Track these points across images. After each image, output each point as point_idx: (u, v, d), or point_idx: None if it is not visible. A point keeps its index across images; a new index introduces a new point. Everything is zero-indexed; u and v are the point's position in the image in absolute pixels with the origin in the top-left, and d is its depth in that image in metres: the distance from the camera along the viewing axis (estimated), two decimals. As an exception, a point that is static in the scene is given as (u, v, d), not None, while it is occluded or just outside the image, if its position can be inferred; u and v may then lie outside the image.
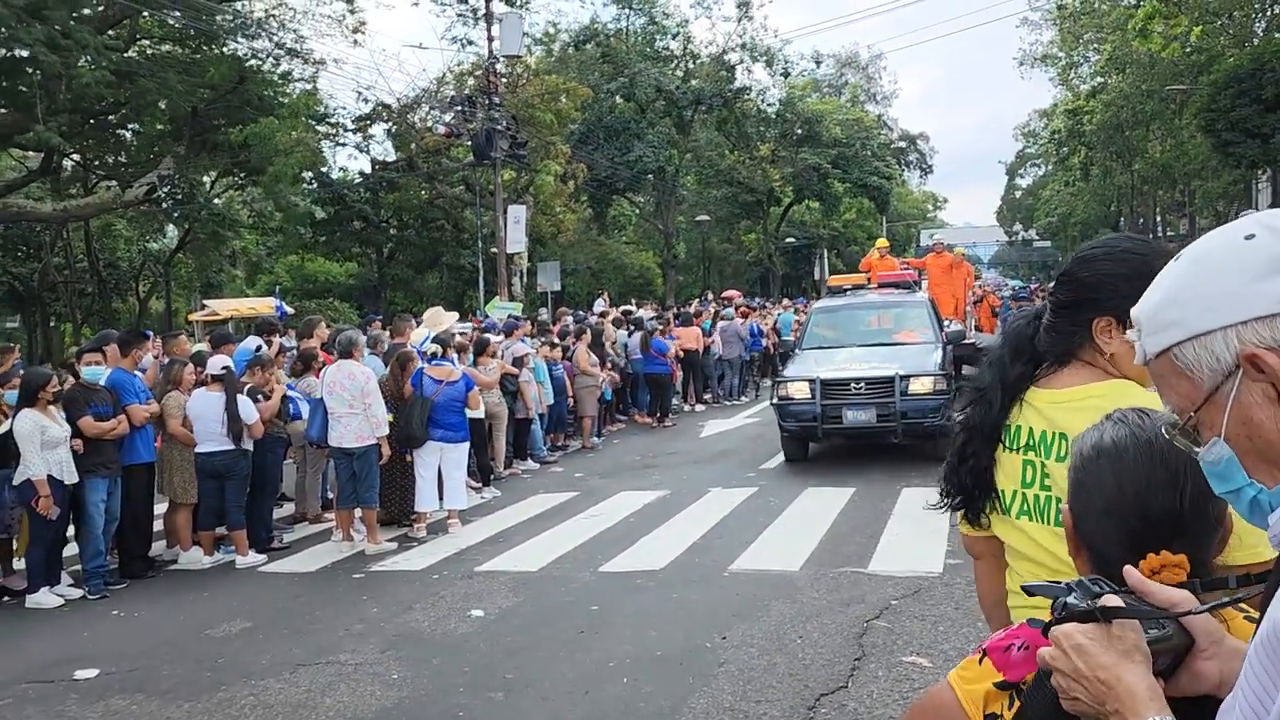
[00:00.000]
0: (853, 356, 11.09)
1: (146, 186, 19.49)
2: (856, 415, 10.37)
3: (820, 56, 47.04)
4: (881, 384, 10.32)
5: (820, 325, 12.73)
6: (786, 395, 10.77)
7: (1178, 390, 1.01)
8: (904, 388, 10.18)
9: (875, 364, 10.62)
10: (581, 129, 34.28)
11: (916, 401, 10.16)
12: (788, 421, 10.78)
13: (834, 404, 10.41)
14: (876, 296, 13.13)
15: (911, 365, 10.48)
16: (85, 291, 29.55)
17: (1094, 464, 1.24)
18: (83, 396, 7.53)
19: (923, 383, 10.26)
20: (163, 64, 19.96)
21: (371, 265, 35.84)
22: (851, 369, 10.63)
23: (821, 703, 4.56)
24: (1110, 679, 1.03)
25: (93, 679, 5.58)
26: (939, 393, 10.18)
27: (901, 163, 52.87)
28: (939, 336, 11.51)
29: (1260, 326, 0.93)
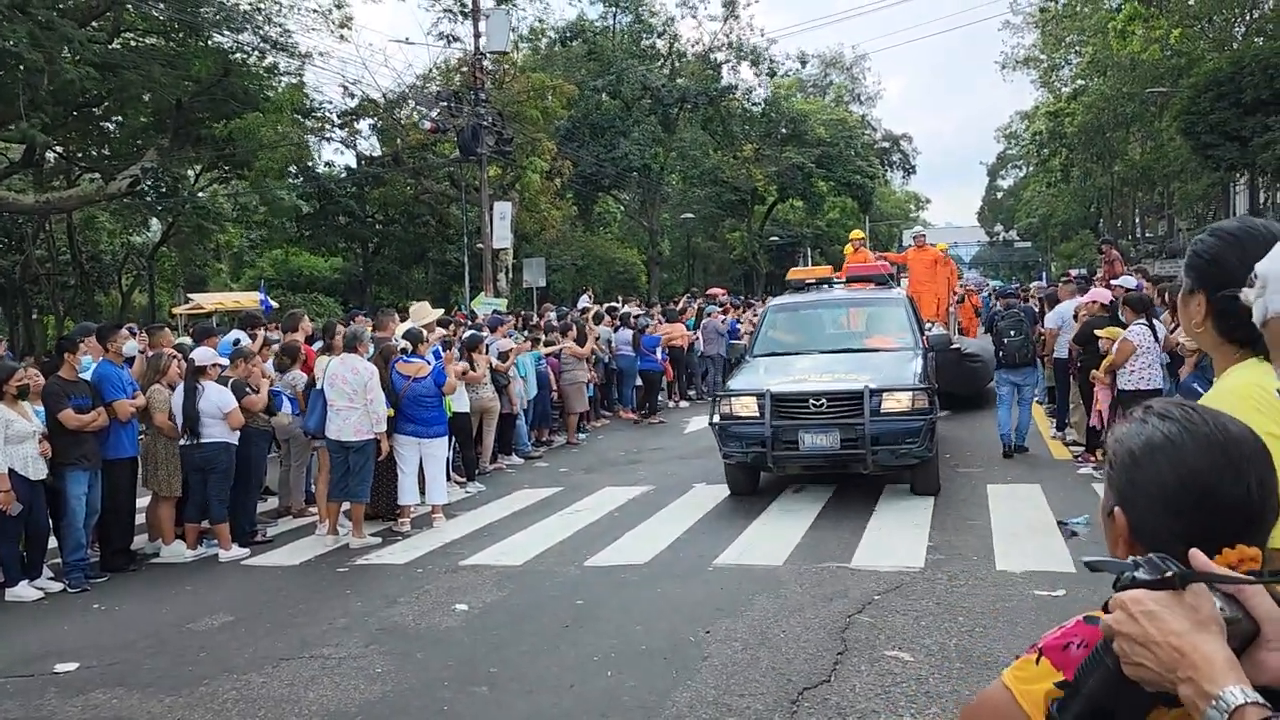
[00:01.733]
0: (814, 366, 9.14)
1: (130, 179, 19.33)
2: (816, 440, 8.31)
3: (805, 57, 47.15)
4: (847, 400, 8.32)
5: (776, 327, 10.62)
6: (729, 413, 8.74)
7: None
8: (876, 405, 8.24)
9: (841, 375, 8.72)
10: (567, 126, 34.24)
11: (892, 423, 8.23)
12: (730, 446, 8.73)
13: (788, 425, 8.41)
14: (845, 293, 11.26)
15: (886, 377, 8.58)
16: (68, 284, 29.34)
17: (1148, 461, 1.18)
18: (62, 389, 7.49)
19: (899, 399, 8.33)
20: (147, 56, 19.81)
21: (357, 260, 35.73)
22: (811, 381, 8.69)
23: (804, 696, 4.59)
24: (1185, 646, 1.00)
25: (72, 673, 5.55)
26: (919, 412, 8.28)
27: (885, 163, 53.08)
28: (920, 342, 9.64)
29: None
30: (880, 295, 10.91)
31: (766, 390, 8.53)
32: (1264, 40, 27.29)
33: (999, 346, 10.55)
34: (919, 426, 8.23)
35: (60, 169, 24.90)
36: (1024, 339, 10.39)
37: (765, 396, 8.47)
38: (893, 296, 10.79)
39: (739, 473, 9.18)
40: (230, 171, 26.61)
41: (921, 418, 8.26)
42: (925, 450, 8.30)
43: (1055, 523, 7.35)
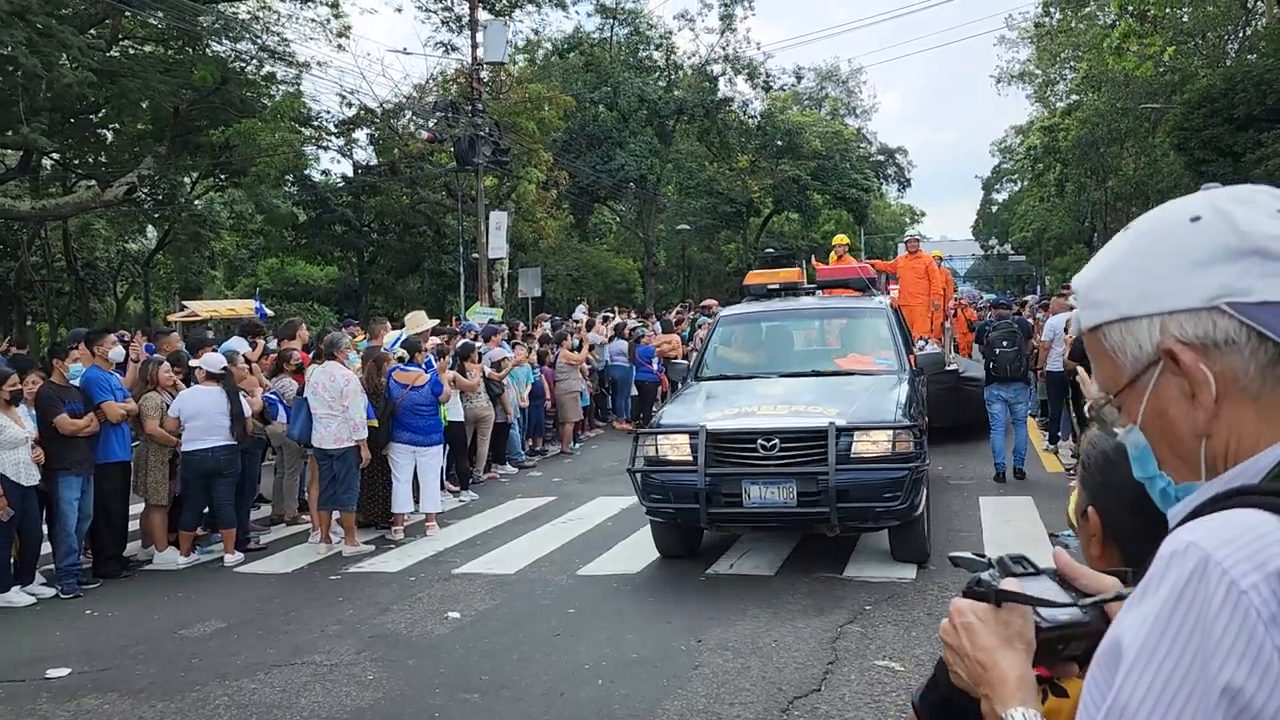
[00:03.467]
0: (770, 394, 7.25)
1: (126, 186, 19.35)
2: (765, 493, 6.44)
3: (801, 71, 47.27)
4: (807, 441, 6.48)
5: (727, 343, 8.65)
6: (655, 456, 6.86)
7: (1103, 369, 0.96)
8: (845, 448, 6.43)
9: (801, 407, 6.82)
10: (564, 136, 34.33)
11: (865, 471, 6.38)
12: (655, 500, 6.84)
13: (729, 474, 6.53)
14: (815, 302, 9.26)
15: (860, 410, 6.71)
16: (63, 291, 29.30)
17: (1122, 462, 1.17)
18: (56, 394, 7.50)
19: (876, 440, 6.51)
20: (145, 64, 19.87)
21: (352, 269, 35.72)
22: (762, 415, 6.78)
23: (794, 705, 4.61)
24: (987, 661, 1.01)
25: (64, 678, 5.55)
26: (901, 458, 6.41)
27: (880, 176, 53.22)
28: (907, 362, 7.79)
29: (1185, 320, 0.87)
30: (858, 305, 8.87)
31: (702, 427, 6.63)
32: (1256, 57, 27.50)
33: (990, 359, 10.02)
34: (901, 477, 6.31)
35: (57, 176, 24.94)
36: (1016, 351, 9.87)
37: (700, 435, 6.57)
38: (873, 306, 8.70)
39: (669, 533, 7.24)
40: (227, 179, 26.64)
41: (904, 465, 6.36)
42: (909, 508, 6.41)
43: (1047, 535, 7.38)
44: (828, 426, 6.46)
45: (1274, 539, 0.76)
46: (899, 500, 6.38)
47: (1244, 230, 0.86)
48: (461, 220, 27.25)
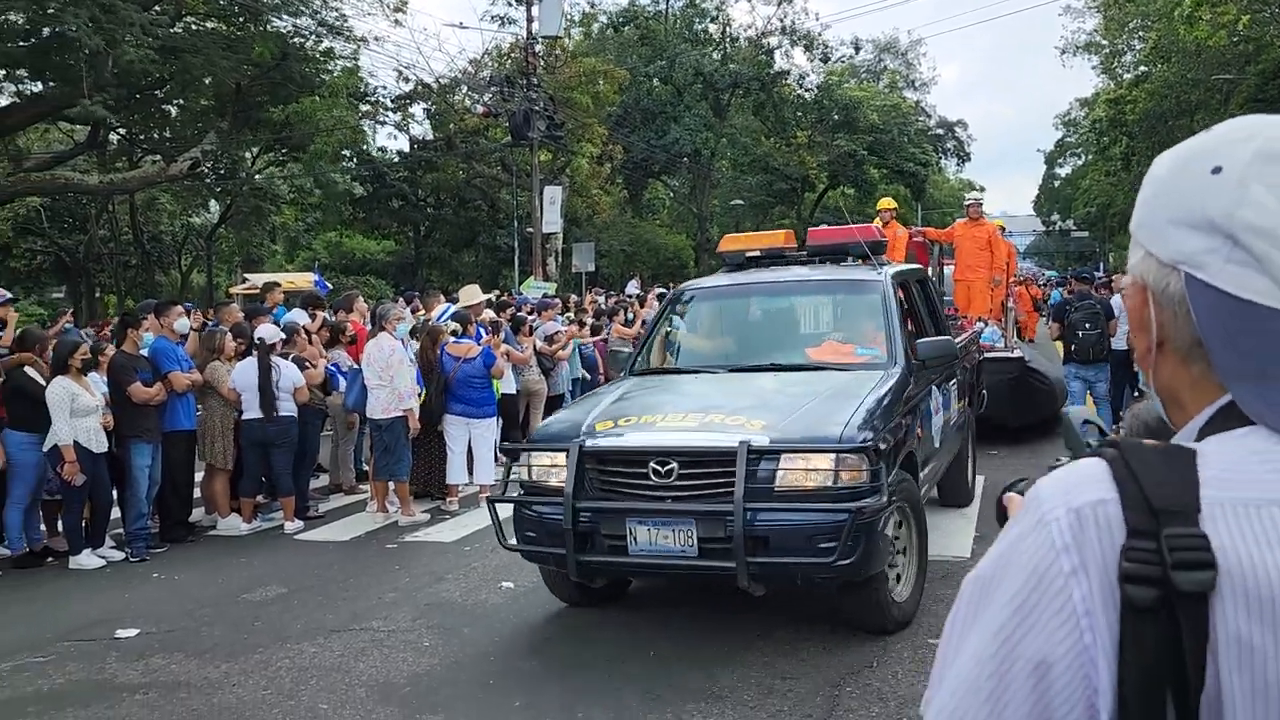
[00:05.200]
0: (695, 397, 5.62)
1: (190, 161, 19.73)
2: (657, 537, 4.86)
3: (859, 42, 46.60)
4: (713, 466, 4.86)
5: (677, 327, 7.09)
6: (530, 478, 5.36)
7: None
8: (766, 477, 4.77)
9: (719, 417, 5.09)
10: (618, 111, 34.25)
11: (790, 512, 4.75)
12: (529, 537, 5.32)
13: (609, 509, 4.98)
14: (795, 274, 7.12)
15: (795, 423, 4.95)
16: (129, 264, 30.07)
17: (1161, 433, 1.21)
18: (130, 363, 7.72)
19: (810, 467, 4.80)
20: (208, 40, 20.17)
21: (409, 243, 36.15)
22: (663, 427, 5.15)
23: (846, 681, 4.61)
24: None
25: (133, 638, 5.74)
26: (846, 492, 4.72)
27: (939, 150, 52.27)
28: (900, 352, 5.94)
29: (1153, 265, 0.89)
30: (846, 277, 6.85)
31: (576, 440, 5.11)
32: (1337, 26, 26.44)
33: (1071, 340, 9.79)
34: (839, 521, 4.57)
35: (123, 151, 25.48)
36: (1099, 334, 9.65)
37: (572, 452, 5.03)
38: (867, 278, 6.62)
39: (557, 577, 5.62)
40: (287, 154, 27.03)
41: (847, 504, 4.62)
42: (854, 564, 4.64)
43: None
44: (738, 446, 4.67)
45: (1089, 479, 0.83)
46: (837, 554, 4.52)
47: (1228, 208, 0.84)
48: (516, 195, 27.38)
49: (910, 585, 5.43)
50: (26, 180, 19.87)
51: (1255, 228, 0.82)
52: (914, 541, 5.46)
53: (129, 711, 4.70)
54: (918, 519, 5.45)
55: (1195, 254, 0.85)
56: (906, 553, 5.40)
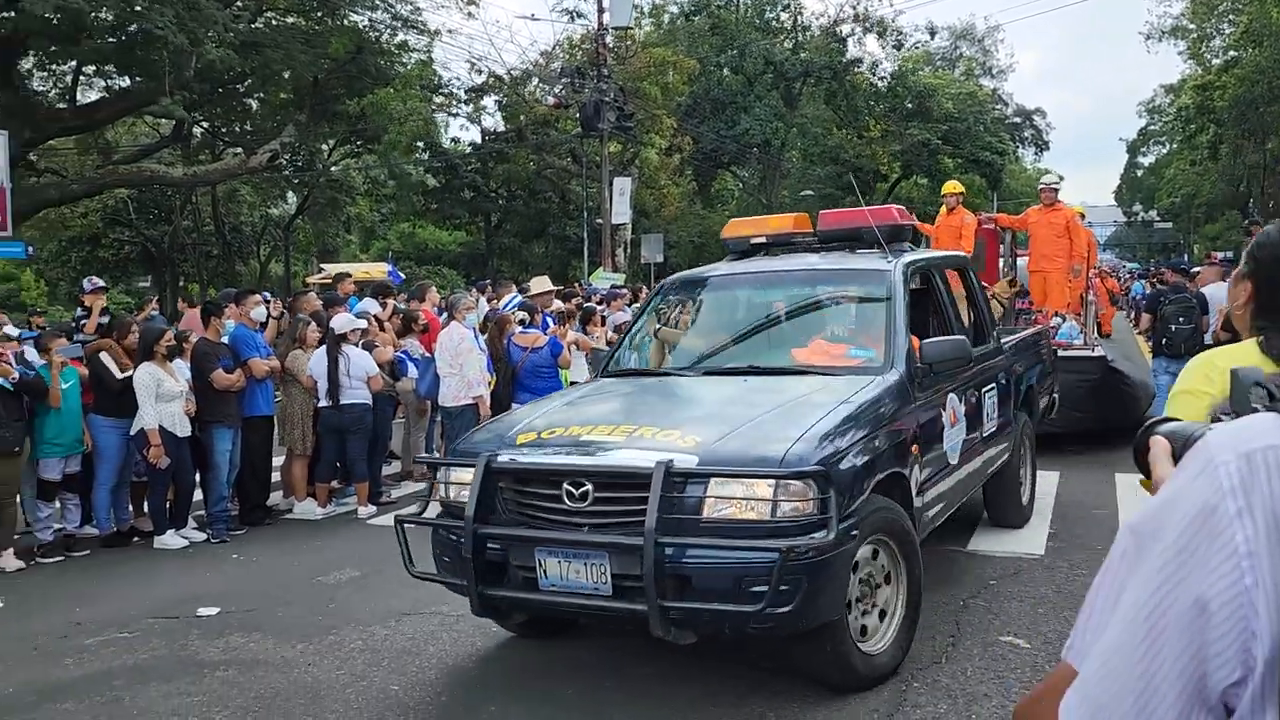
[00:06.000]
0: (639, 405, 5.15)
1: (269, 153, 20.25)
2: (568, 571, 4.19)
3: (935, 28, 45.73)
4: (629, 490, 4.16)
5: (662, 322, 6.47)
6: (448, 496, 4.76)
7: None
8: (692, 505, 4.04)
9: (652, 431, 4.40)
10: (688, 101, 34.17)
11: (716, 548, 3.99)
12: (442, 557, 4.76)
13: (517, 536, 4.34)
14: (795, 263, 6.36)
15: (734, 440, 4.23)
16: (211, 253, 30.99)
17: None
18: (212, 350, 7.97)
19: (741, 495, 4.03)
20: (287, 35, 20.64)
21: (480, 234, 36.59)
22: (589, 443, 4.47)
23: (915, 677, 4.55)
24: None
25: (213, 617, 5.93)
26: (788, 526, 3.95)
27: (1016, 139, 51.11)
28: (898, 356, 5.11)
29: None
30: (847, 268, 6.05)
31: (484, 455, 4.46)
32: None
33: (1163, 334, 9.33)
34: (768, 561, 3.81)
35: (206, 144, 26.23)
36: (1193, 329, 9.13)
37: (478, 469, 4.41)
38: (870, 269, 5.82)
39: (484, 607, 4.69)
40: (362, 146, 27.53)
41: (781, 541, 3.85)
42: (793, 614, 3.88)
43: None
44: (653, 468, 3.98)
45: (1262, 428, 0.85)
46: (769, 600, 3.78)
47: None
48: (586, 186, 27.51)
49: (891, 635, 4.50)
50: (115, 173, 20.60)
51: None
52: (900, 581, 4.54)
53: (210, 687, 4.86)
54: (906, 553, 4.52)
55: None
56: (889, 595, 4.53)
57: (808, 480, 3.97)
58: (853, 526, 4.08)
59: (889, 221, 6.20)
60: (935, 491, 5.18)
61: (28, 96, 18.83)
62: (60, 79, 21.90)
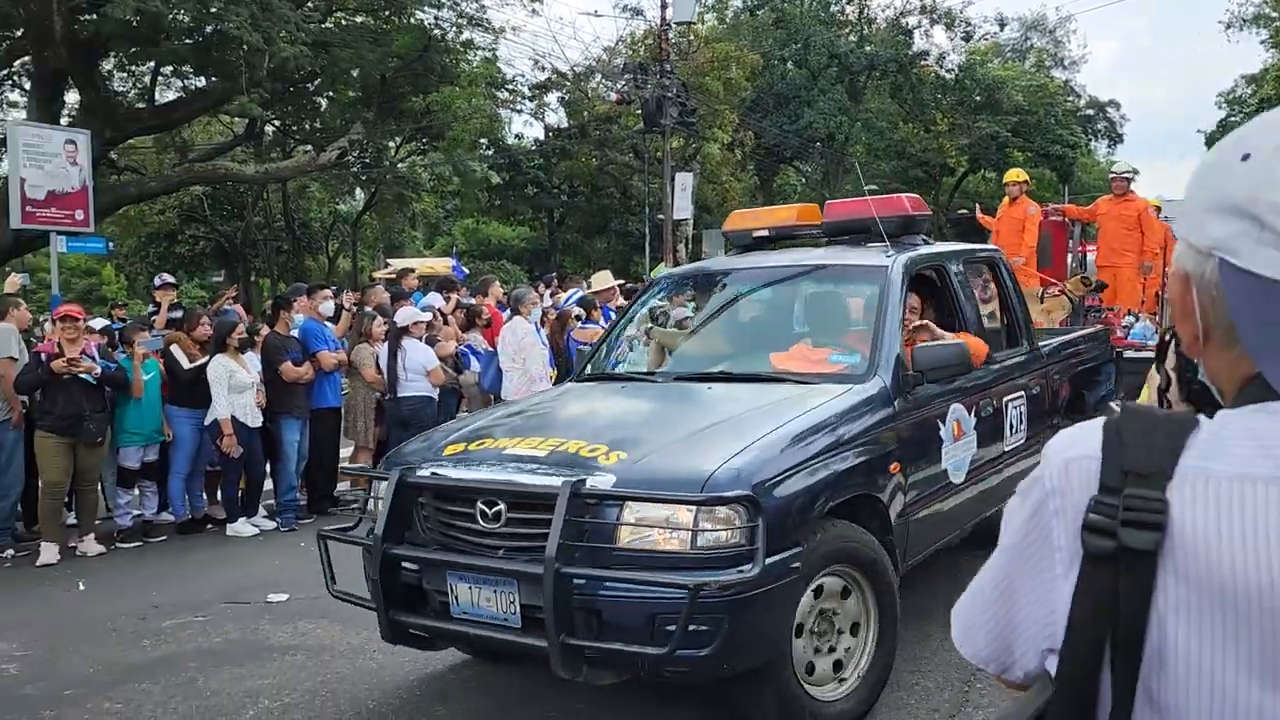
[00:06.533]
0: (585, 418, 4.59)
1: (338, 151, 20.63)
2: (479, 598, 3.83)
3: (1004, 19, 44.87)
4: (542, 511, 3.69)
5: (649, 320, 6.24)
6: (372, 510, 4.55)
7: None
8: (602, 530, 3.63)
9: (575, 445, 3.96)
10: (751, 96, 34.00)
11: (631, 581, 3.51)
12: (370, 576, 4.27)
13: (430, 559, 4.01)
14: (788, 258, 5.88)
15: (659, 458, 3.80)
16: (281, 249, 31.72)
17: None
18: (281, 343, 8.16)
19: (660, 521, 3.58)
20: (356, 34, 21.00)
21: (543, 229, 36.87)
22: (510, 457, 4.03)
23: (976, 677, 4.50)
24: None
25: (283, 603, 6.09)
26: (713, 555, 3.48)
27: (1088, 131, 49.86)
28: (885, 362, 4.60)
29: (1190, 254, 0.93)
30: (841, 263, 5.59)
31: (397, 470, 4.20)
32: None
33: None
34: (676, 597, 3.39)
35: (277, 142, 26.81)
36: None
37: (391, 484, 4.13)
38: (864, 266, 5.31)
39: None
40: (427, 143, 27.91)
41: (706, 572, 3.44)
42: (709, 659, 3.44)
43: None
44: (560, 488, 3.60)
45: (1085, 436, 0.93)
46: (677, 642, 3.34)
47: (1254, 191, 0.87)
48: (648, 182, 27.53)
49: (856, 680, 4.00)
50: (191, 170, 21.18)
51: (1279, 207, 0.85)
52: (870, 618, 4.03)
53: (279, 670, 5.00)
54: (875, 586, 4.01)
55: (1227, 239, 0.88)
56: (858, 633, 4.02)
57: (734, 506, 3.49)
58: (794, 558, 3.59)
59: (897, 212, 5.70)
60: (929, 514, 4.67)
61: (109, 97, 19.44)
62: (139, 80, 22.56)
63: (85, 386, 7.30)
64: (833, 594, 3.94)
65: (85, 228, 12.79)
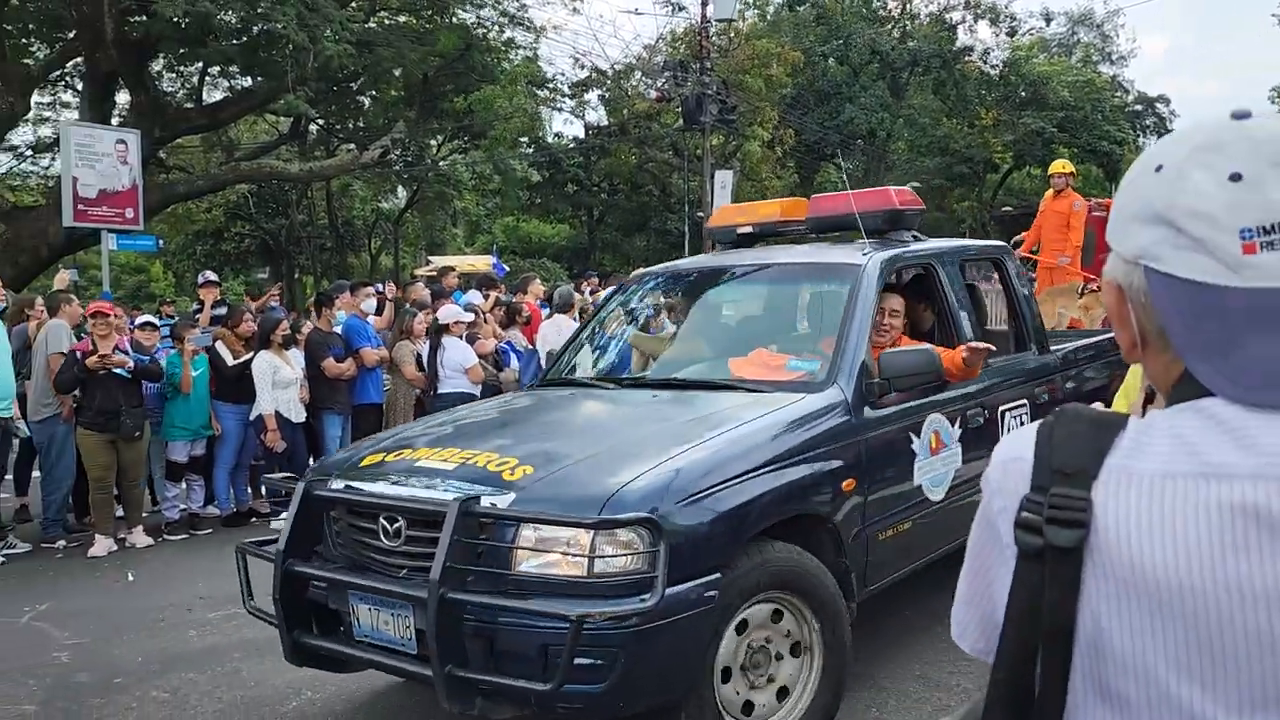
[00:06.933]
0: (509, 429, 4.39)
1: (381, 149, 20.84)
2: (377, 620, 3.63)
3: (1051, 13, 44.23)
4: (433, 530, 3.41)
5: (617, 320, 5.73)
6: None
7: None
8: (497, 552, 3.39)
9: (485, 457, 3.72)
10: (792, 92, 33.85)
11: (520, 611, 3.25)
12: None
13: (333, 578, 3.79)
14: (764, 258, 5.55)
15: (562, 476, 3.50)
16: (325, 246, 32.11)
17: None
18: (324, 340, 8.28)
19: (555, 544, 3.29)
20: (398, 34, 21.20)
21: (582, 227, 36.98)
22: (418, 470, 3.79)
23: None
24: None
25: (326, 595, 6.17)
26: (621, 582, 3.20)
27: (1137, 127, 48.98)
28: (847, 369, 4.24)
29: (1120, 264, 0.97)
30: (813, 262, 5.32)
31: (304, 483, 4.02)
32: None
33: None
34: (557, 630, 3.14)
35: (321, 140, 27.15)
36: None
37: (296, 496, 3.94)
38: (836, 265, 4.99)
39: None
40: (469, 142, 28.11)
41: (603, 601, 3.19)
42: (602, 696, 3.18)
43: None
44: (447, 506, 3.36)
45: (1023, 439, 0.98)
46: (561, 678, 3.07)
47: (1169, 199, 0.91)
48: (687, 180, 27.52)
49: (804, 709, 3.68)
50: (237, 169, 21.52)
51: (1192, 212, 0.89)
52: (814, 647, 3.70)
53: (321, 662, 5.07)
54: (820, 614, 3.68)
55: (1150, 246, 0.92)
56: (796, 666, 3.69)
57: (634, 529, 3.19)
58: (708, 586, 3.27)
59: (883, 206, 5.31)
60: (898, 535, 4.33)
61: (158, 97, 19.81)
62: (187, 80, 22.97)
63: (121, 382, 7.43)
64: (762, 623, 3.60)
65: (135, 225, 13.05)
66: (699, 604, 3.26)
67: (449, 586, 3.25)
